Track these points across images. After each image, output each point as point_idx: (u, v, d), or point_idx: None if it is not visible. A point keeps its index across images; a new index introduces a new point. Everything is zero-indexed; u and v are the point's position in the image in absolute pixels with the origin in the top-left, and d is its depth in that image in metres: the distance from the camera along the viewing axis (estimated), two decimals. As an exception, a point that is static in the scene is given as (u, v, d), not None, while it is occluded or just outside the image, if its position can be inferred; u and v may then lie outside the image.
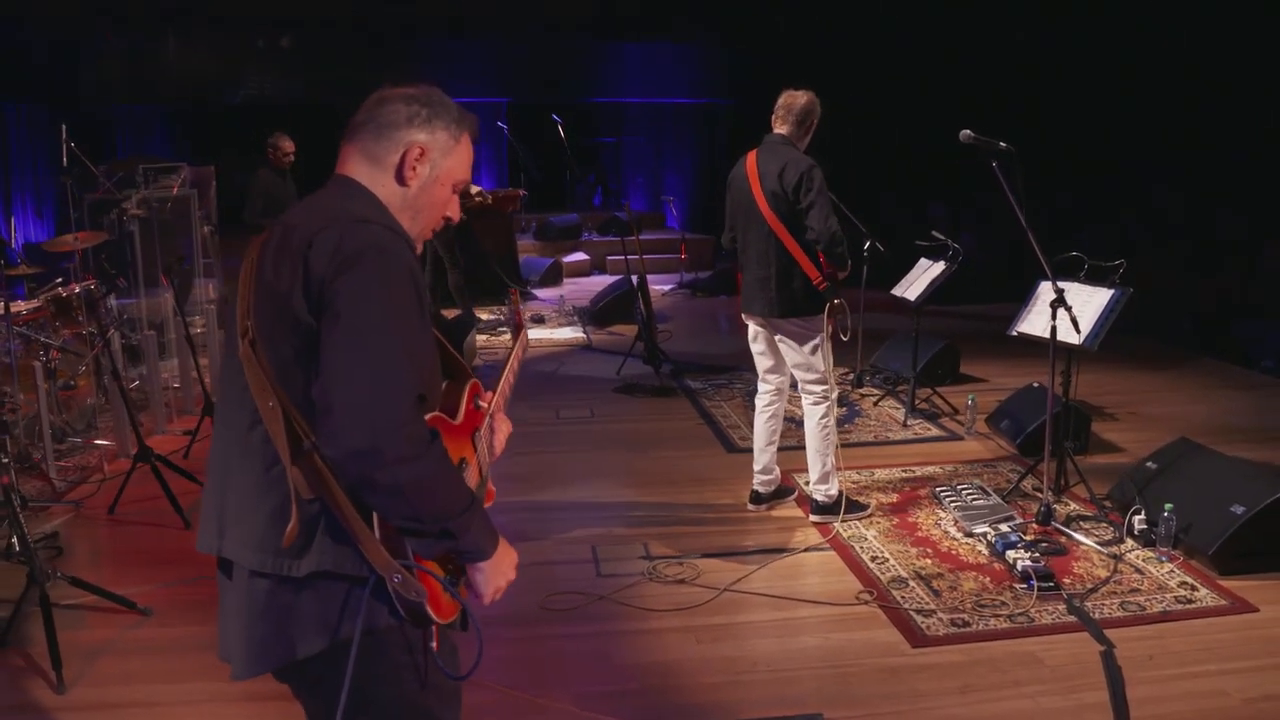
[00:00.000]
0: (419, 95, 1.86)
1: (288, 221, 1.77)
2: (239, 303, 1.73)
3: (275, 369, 1.66)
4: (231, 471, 1.78)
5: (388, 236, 1.72)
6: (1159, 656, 3.65)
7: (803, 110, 4.59)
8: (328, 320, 1.63)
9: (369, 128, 1.83)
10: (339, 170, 1.86)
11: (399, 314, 1.67)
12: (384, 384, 1.61)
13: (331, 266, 1.64)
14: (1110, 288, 4.73)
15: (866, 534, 4.67)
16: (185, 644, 3.73)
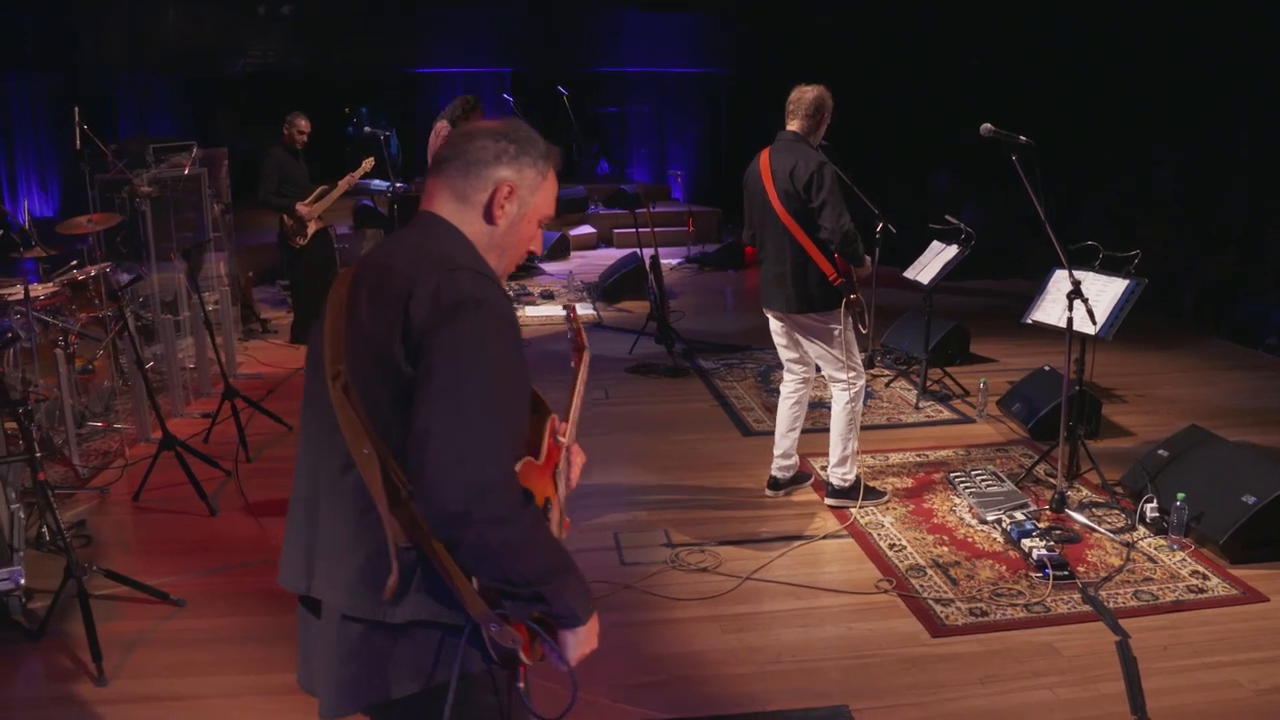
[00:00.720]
0: (506, 131, 1.84)
1: (382, 262, 1.76)
2: (328, 342, 1.73)
3: (372, 416, 1.66)
4: (321, 512, 1.78)
5: (486, 286, 1.70)
6: (1173, 647, 3.74)
7: (812, 104, 4.60)
8: (424, 372, 1.62)
9: (456, 164, 1.81)
10: (426, 206, 1.85)
11: (497, 370, 1.66)
12: (478, 445, 1.60)
13: (431, 318, 1.63)
14: (1125, 278, 4.78)
15: (884, 520, 4.75)
16: (221, 635, 3.80)
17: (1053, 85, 12.09)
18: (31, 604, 3.93)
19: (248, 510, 4.92)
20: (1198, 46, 10.56)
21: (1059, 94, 12.07)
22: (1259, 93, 10.21)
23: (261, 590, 4.14)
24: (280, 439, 5.89)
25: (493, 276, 1.77)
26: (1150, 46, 11.15)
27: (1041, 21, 12.02)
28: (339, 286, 1.78)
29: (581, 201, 12.99)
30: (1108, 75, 11.58)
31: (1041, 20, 12.02)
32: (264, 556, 4.42)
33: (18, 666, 3.63)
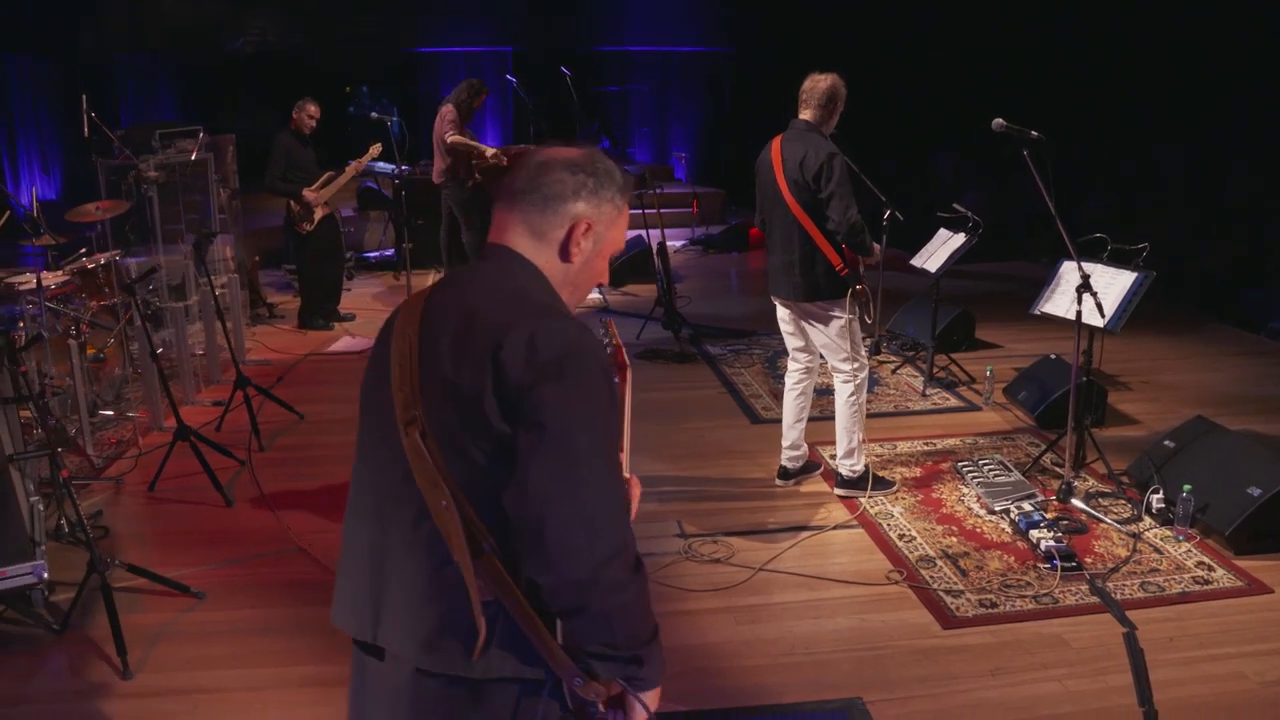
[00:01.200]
0: (584, 163, 1.75)
1: (459, 303, 1.67)
2: (397, 387, 1.64)
3: (456, 469, 1.58)
4: (390, 559, 1.69)
5: (582, 334, 1.62)
6: (1179, 639, 3.80)
7: (825, 94, 4.62)
8: (529, 432, 1.54)
9: (532, 199, 1.72)
10: (498, 239, 1.76)
11: (604, 426, 1.59)
12: (599, 511, 1.56)
13: (530, 373, 1.54)
14: (1134, 271, 4.81)
15: (893, 510, 4.81)
16: (242, 628, 3.86)
17: (1058, 69, 12.09)
18: (53, 596, 3.99)
19: (263, 501, 4.96)
20: (1203, 32, 10.55)
21: (1064, 77, 12.07)
22: (1263, 78, 10.22)
23: (280, 582, 4.19)
24: (292, 427, 5.93)
25: (583, 322, 1.68)
26: (1155, 32, 11.14)
27: (1048, 4, 11.99)
28: (405, 327, 1.68)
29: (585, 183, 12.96)
30: (1114, 59, 11.57)
31: (1047, 3, 11.99)
32: (281, 547, 4.47)
33: (43, 659, 3.68)
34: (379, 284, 9.92)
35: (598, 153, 1.80)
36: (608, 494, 1.59)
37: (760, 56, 15.23)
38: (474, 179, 9.02)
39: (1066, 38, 12.07)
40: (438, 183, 8.95)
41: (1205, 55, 10.67)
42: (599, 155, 1.79)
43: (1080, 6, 11.84)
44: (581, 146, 1.79)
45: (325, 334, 7.96)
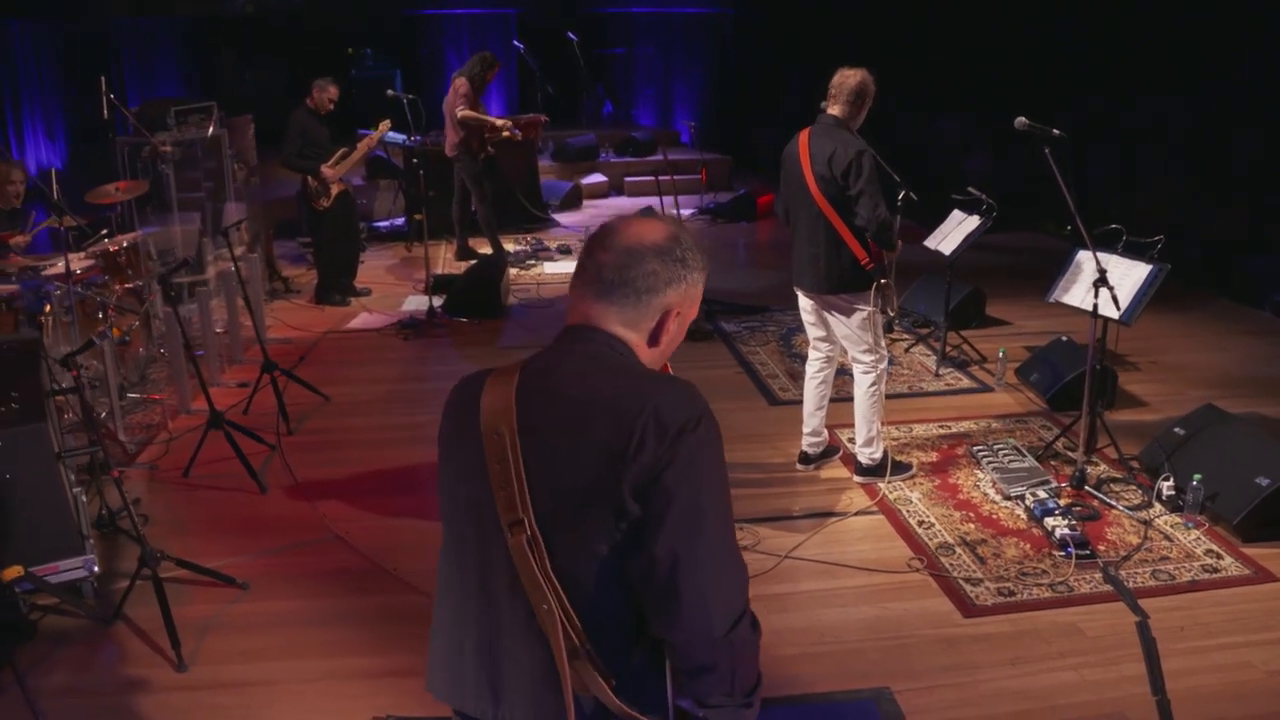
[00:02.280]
0: (673, 249, 1.73)
1: (566, 395, 1.67)
2: (497, 486, 1.65)
3: (564, 568, 1.62)
4: (504, 645, 1.73)
5: (695, 399, 1.65)
6: (1189, 628, 3.94)
7: (854, 90, 4.67)
8: (659, 505, 1.57)
9: (625, 292, 1.71)
10: (587, 321, 1.74)
11: (725, 486, 1.65)
12: (728, 570, 1.63)
13: (660, 449, 1.57)
14: (1149, 263, 4.90)
15: (911, 496, 4.94)
16: (288, 619, 3.99)
17: (1063, 26, 12.04)
18: (99, 586, 4.12)
19: (297, 489, 5.08)
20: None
21: (1069, 34, 12.02)
22: (1269, 41, 10.19)
23: (321, 571, 4.33)
24: (318, 410, 6.05)
25: (691, 384, 1.71)
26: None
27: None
28: (496, 422, 1.67)
29: (592, 149, 12.99)
30: (1121, 13, 11.50)
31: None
32: (318, 536, 4.60)
33: (97, 651, 3.81)
34: (391, 255, 9.98)
35: (680, 230, 1.78)
36: (733, 557, 1.66)
37: (761, 17, 15.17)
38: (486, 152, 9.07)
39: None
40: (451, 156, 9.00)
41: (1216, 10, 10.64)
42: (682, 234, 1.77)
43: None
44: (661, 223, 1.78)
45: (342, 310, 8.05)
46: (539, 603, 1.62)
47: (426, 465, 5.40)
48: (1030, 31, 12.47)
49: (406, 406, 6.14)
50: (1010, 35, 12.98)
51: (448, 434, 1.82)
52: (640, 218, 1.79)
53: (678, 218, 1.81)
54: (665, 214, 1.85)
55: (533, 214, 10.96)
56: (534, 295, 8.47)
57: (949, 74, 14.00)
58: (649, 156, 13.21)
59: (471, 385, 1.79)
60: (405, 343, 7.29)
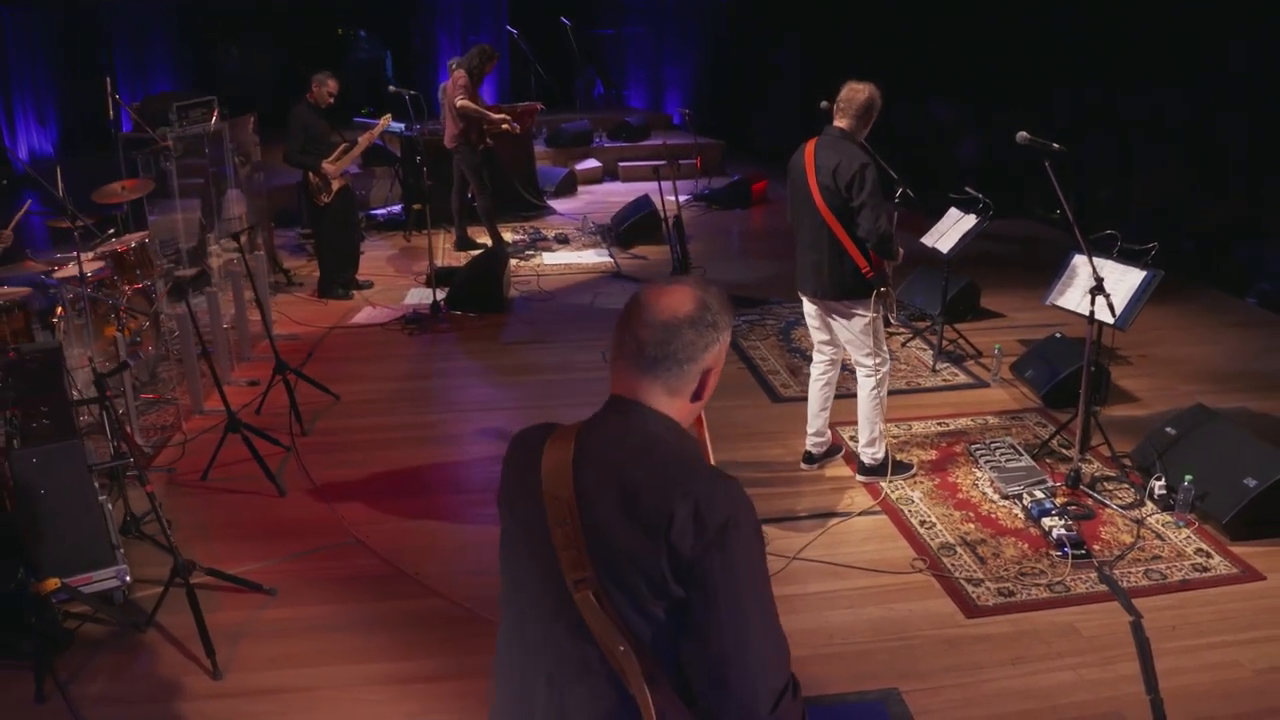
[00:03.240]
0: (705, 314, 1.83)
1: (617, 471, 1.77)
2: (561, 544, 1.76)
3: (631, 620, 1.73)
4: (570, 692, 1.83)
5: (734, 494, 1.75)
6: (1180, 627, 4.12)
7: (863, 105, 4.79)
8: (704, 595, 1.69)
9: (667, 364, 1.81)
10: (633, 396, 1.85)
11: (766, 577, 1.77)
12: (770, 652, 1.73)
13: (699, 546, 1.68)
14: (1143, 269, 5.05)
15: (913, 495, 5.10)
16: (318, 624, 4.13)
17: (1058, 16, 12.12)
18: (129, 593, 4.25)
19: (315, 491, 5.21)
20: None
21: (1065, 19, 12.09)
22: (1263, 29, 10.28)
23: (344, 576, 4.46)
24: (329, 409, 6.16)
25: (730, 477, 1.81)
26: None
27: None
28: (556, 489, 1.78)
29: (586, 135, 13.05)
30: (1112, 9, 11.59)
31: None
32: (339, 540, 4.74)
33: (132, 659, 3.93)
34: (389, 245, 10.06)
35: (706, 293, 1.86)
36: (776, 638, 1.77)
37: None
38: (485, 143, 9.15)
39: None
40: (450, 147, 9.07)
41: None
42: (709, 296, 1.85)
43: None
44: (689, 289, 1.86)
45: (346, 304, 8.15)
46: (614, 646, 1.73)
47: (438, 466, 5.54)
48: (1025, 17, 12.52)
49: (415, 405, 6.27)
50: (1005, 20, 13.04)
51: (510, 492, 1.94)
52: (669, 288, 1.87)
53: (701, 279, 1.89)
54: (689, 278, 1.94)
55: (530, 202, 11.04)
56: (535, 288, 8.57)
57: (942, 59, 14.06)
58: (643, 141, 13.29)
59: (529, 445, 1.90)
60: (410, 338, 7.40)
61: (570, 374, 6.75)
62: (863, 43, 14.11)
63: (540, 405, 6.23)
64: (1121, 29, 11.69)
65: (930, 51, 14.07)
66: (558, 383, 6.60)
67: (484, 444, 5.75)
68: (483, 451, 5.66)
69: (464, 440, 5.82)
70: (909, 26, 13.89)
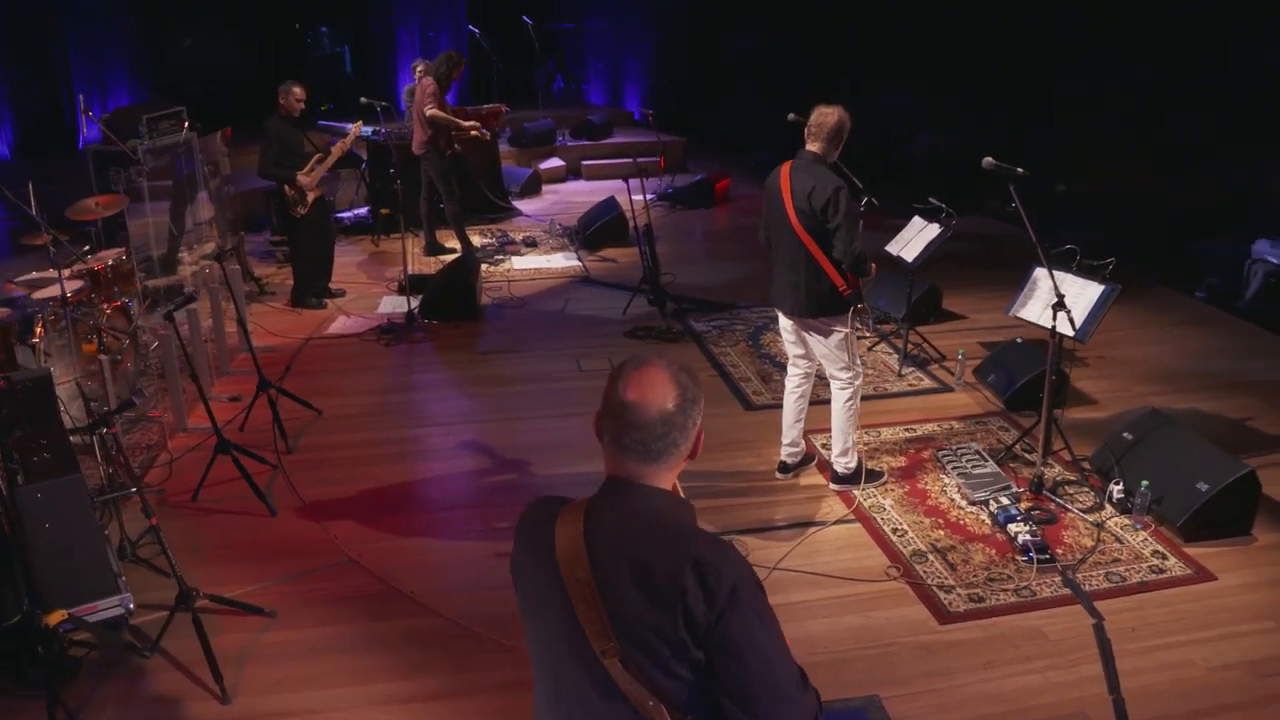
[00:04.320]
0: (685, 395, 1.98)
1: (626, 550, 1.93)
2: (585, 616, 1.92)
3: (659, 681, 1.89)
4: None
5: (734, 560, 1.93)
6: (1139, 628, 4.37)
7: (833, 129, 4.97)
8: (724, 656, 1.87)
9: (667, 449, 1.97)
10: (639, 480, 1.99)
11: (776, 624, 1.94)
12: (793, 692, 1.92)
13: (712, 613, 1.85)
14: (1101, 283, 5.30)
15: (885, 503, 5.32)
16: (319, 646, 4.26)
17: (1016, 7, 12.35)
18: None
19: (305, 510, 5.32)
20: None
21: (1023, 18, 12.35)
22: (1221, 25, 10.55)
23: (341, 597, 4.59)
24: (312, 424, 6.26)
25: (726, 542, 2.04)
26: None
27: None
28: (573, 569, 1.95)
29: (549, 134, 13.13)
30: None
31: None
32: (333, 560, 4.86)
33: (138, 686, 4.04)
34: (358, 250, 10.11)
35: (679, 371, 2.01)
36: (794, 677, 1.96)
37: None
38: (453, 149, 9.24)
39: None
40: (419, 154, 9.14)
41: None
42: (681, 374, 2.01)
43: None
44: (665, 375, 1.99)
45: (320, 314, 8.22)
46: (644, 703, 1.92)
47: (424, 482, 5.68)
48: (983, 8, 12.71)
49: (398, 420, 6.38)
50: (963, 11, 13.24)
51: (523, 565, 2.11)
52: (645, 380, 2.00)
53: (673, 362, 2.07)
54: (654, 359, 2.12)
55: (496, 204, 11.12)
56: (506, 294, 8.70)
57: (898, 50, 14.28)
58: (606, 139, 13.40)
59: (540, 519, 2.07)
60: (386, 349, 7.49)
61: (547, 384, 6.89)
62: (822, 34, 14.32)
63: (521, 417, 6.37)
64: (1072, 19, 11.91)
65: (887, 43, 14.29)
66: (535, 393, 6.74)
67: (468, 458, 5.89)
68: (467, 466, 5.81)
69: (448, 454, 5.95)
70: (867, 18, 14.07)
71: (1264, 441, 5.96)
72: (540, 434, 6.16)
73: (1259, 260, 8.68)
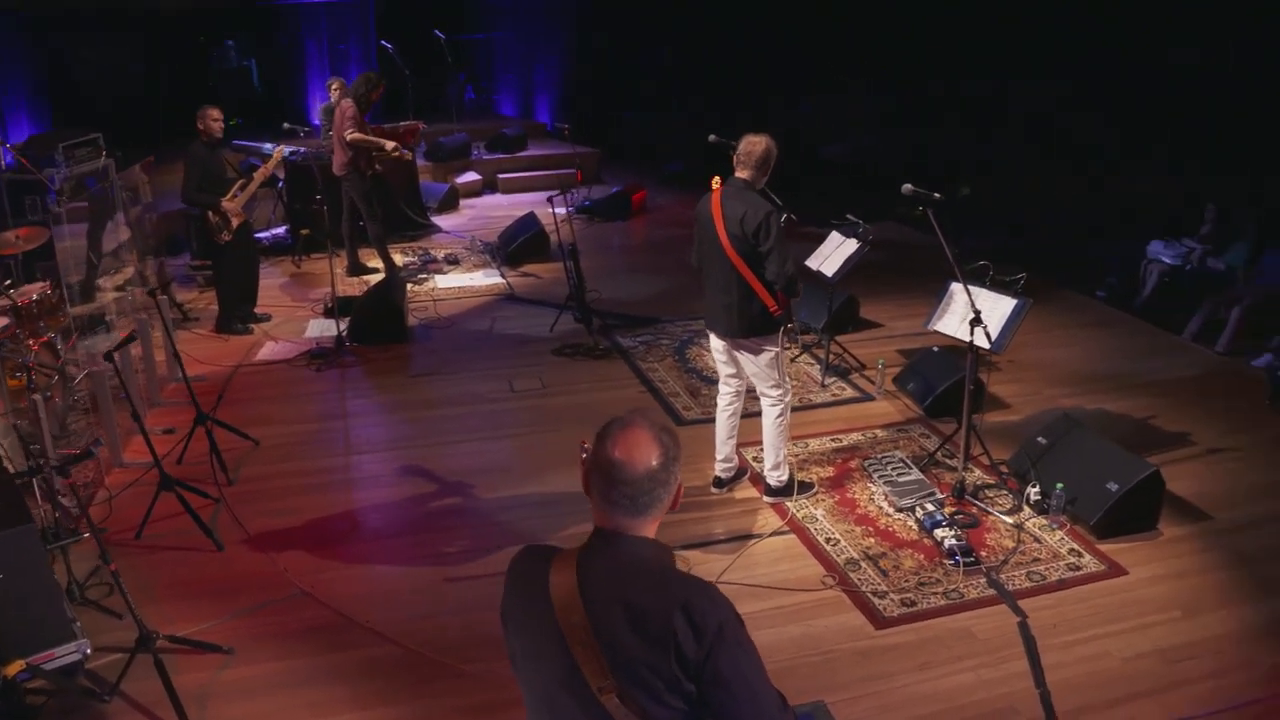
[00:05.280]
0: (667, 454, 2.16)
1: (619, 597, 2.10)
2: (583, 662, 2.09)
3: (654, 712, 2.07)
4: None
5: (713, 595, 2.12)
6: (1060, 624, 4.68)
7: (761, 156, 5.19)
8: (715, 682, 2.05)
9: (650, 503, 2.16)
10: (629, 533, 2.18)
11: (756, 651, 2.14)
12: (771, 701, 2.14)
13: (701, 649, 2.03)
14: (1014, 297, 5.62)
15: (816, 513, 5.57)
16: (277, 681, 4.33)
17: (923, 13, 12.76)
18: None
19: (252, 542, 5.35)
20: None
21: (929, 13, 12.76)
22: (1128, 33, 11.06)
23: (296, 630, 4.66)
24: (250, 455, 6.27)
25: (705, 584, 2.19)
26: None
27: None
28: (569, 615, 2.12)
29: (465, 148, 13.18)
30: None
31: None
32: (285, 593, 4.92)
33: (101, 730, 4.09)
34: (279, 272, 10.05)
35: (660, 431, 2.19)
36: (776, 701, 2.19)
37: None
38: (374, 169, 9.27)
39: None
40: (340, 175, 9.15)
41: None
42: (663, 434, 2.19)
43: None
44: (649, 435, 2.17)
45: (247, 339, 8.18)
46: None
47: (369, 509, 5.74)
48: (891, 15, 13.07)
49: (336, 447, 6.43)
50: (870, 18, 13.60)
51: (516, 613, 2.27)
52: (631, 439, 2.18)
53: (655, 422, 2.28)
54: (638, 419, 2.35)
55: (416, 222, 11.15)
56: (433, 314, 8.76)
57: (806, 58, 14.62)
58: (520, 152, 13.50)
59: (531, 570, 2.25)
60: (318, 374, 7.51)
61: (480, 406, 7.00)
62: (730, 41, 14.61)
63: (458, 440, 6.47)
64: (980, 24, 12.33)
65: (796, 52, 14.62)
66: (469, 415, 6.84)
67: (409, 484, 5.97)
68: (409, 491, 5.89)
69: (389, 481, 6.03)
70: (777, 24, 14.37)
71: (1165, 439, 6.37)
72: (478, 457, 6.27)
73: (1154, 260, 9.22)
